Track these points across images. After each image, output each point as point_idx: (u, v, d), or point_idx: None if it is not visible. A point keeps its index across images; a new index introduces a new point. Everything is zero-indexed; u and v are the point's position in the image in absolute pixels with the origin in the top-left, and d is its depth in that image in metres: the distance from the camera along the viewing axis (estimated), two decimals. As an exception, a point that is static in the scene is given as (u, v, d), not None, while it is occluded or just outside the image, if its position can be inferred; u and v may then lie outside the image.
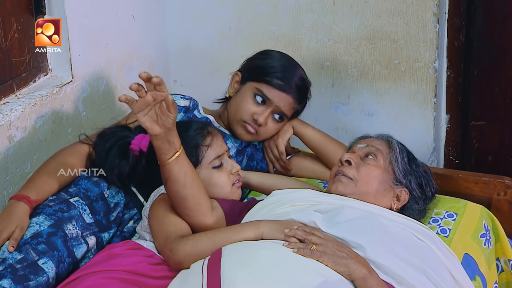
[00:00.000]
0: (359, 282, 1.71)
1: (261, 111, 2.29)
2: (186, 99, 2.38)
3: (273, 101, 2.28)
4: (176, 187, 1.87)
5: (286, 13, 2.86)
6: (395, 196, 2.03)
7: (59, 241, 1.94)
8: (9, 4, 2.29)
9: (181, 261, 1.82)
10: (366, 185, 1.99)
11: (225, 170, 2.09)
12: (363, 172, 2.00)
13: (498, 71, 2.70)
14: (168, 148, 1.83)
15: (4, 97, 2.31)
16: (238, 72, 2.38)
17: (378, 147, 2.05)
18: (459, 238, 2.14)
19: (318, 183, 2.42)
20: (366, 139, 2.13)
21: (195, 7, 3.02)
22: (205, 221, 1.92)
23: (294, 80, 2.31)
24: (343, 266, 1.71)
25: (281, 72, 2.30)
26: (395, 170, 2.03)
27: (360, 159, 2.04)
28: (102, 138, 2.13)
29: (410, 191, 2.04)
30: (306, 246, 1.75)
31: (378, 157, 2.03)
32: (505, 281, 2.30)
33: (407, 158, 2.07)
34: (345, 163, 2.03)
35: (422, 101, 2.75)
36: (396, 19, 2.69)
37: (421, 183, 2.08)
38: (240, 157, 2.37)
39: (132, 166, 2.10)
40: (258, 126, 2.30)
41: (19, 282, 1.80)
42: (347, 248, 1.76)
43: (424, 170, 2.11)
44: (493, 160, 2.80)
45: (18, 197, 1.97)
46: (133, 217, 2.17)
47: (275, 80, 2.29)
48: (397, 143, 2.10)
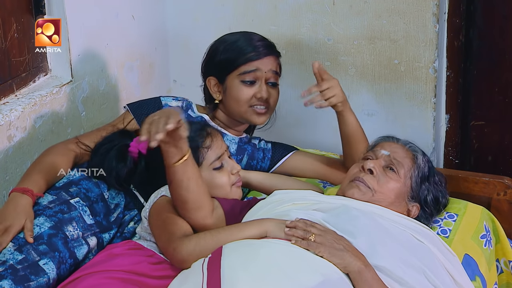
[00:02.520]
0: (354, 276, 1.71)
1: (258, 87, 2.30)
2: (178, 100, 2.38)
3: (260, 69, 2.29)
4: (179, 190, 1.88)
5: (286, 13, 2.86)
6: (406, 211, 2.03)
7: (59, 242, 1.94)
8: (9, 4, 2.29)
9: (184, 259, 1.82)
10: (383, 196, 1.99)
11: (226, 171, 2.09)
12: (383, 184, 2.00)
13: (498, 71, 2.70)
14: (175, 153, 1.83)
15: (4, 97, 2.31)
16: (211, 77, 2.35)
17: (402, 161, 2.03)
18: (459, 238, 2.14)
19: (318, 182, 2.42)
20: (391, 144, 2.09)
21: (194, 7, 3.02)
22: (204, 223, 1.92)
23: (260, 43, 2.32)
24: (338, 258, 1.72)
25: (246, 47, 2.30)
26: (413, 186, 2.02)
27: (382, 169, 2.03)
28: (101, 144, 2.14)
29: (422, 206, 2.04)
30: (305, 234, 1.76)
31: (399, 171, 2.02)
32: (505, 282, 2.30)
33: (428, 173, 2.06)
34: (368, 171, 2.02)
35: (422, 101, 2.75)
36: (396, 19, 2.69)
37: (437, 197, 2.08)
38: (240, 156, 2.37)
39: (130, 169, 2.10)
40: (265, 101, 2.31)
41: (20, 282, 1.80)
42: (345, 241, 1.77)
43: (440, 181, 2.11)
44: (493, 160, 2.80)
45: (21, 190, 1.98)
46: (134, 218, 2.17)
47: (247, 56, 2.28)
48: (422, 157, 2.07)
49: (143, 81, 2.97)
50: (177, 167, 1.84)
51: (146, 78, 3.00)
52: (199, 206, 1.90)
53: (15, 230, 1.89)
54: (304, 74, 2.87)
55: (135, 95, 2.84)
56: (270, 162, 2.42)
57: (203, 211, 1.91)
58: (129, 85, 2.88)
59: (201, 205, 1.91)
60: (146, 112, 2.28)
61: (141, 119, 2.27)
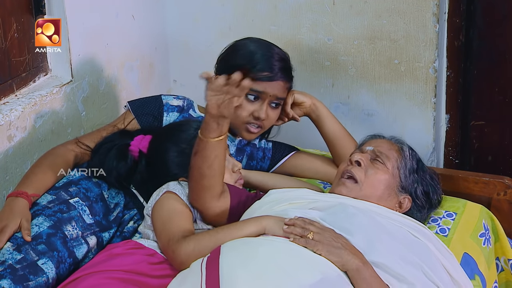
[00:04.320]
0: (352, 273, 1.71)
1: (259, 106, 2.25)
2: (180, 99, 2.36)
3: (266, 93, 2.23)
4: (202, 164, 1.89)
5: (286, 13, 2.86)
6: (397, 203, 2.03)
7: (58, 242, 1.94)
8: (9, 4, 2.29)
9: (184, 261, 1.82)
10: (371, 188, 1.99)
11: (227, 169, 2.09)
12: (371, 175, 2.00)
13: (498, 71, 2.70)
14: (214, 128, 1.86)
15: (4, 97, 2.31)
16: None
17: (387, 153, 2.04)
18: (458, 237, 2.14)
19: (318, 183, 2.42)
20: (377, 140, 2.11)
21: (195, 7, 3.02)
22: (209, 204, 1.95)
23: (277, 64, 2.24)
24: (336, 256, 1.72)
25: (261, 63, 2.23)
26: (401, 177, 2.03)
27: (370, 161, 2.03)
28: (101, 143, 2.14)
29: (413, 199, 2.04)
30: (304, 232, 1.76)
31: (386, 162, 2.03)
32: (504, 281, 2.30)
33: (416, 166, 2.06)
34: (355, 163, 2.03)
35: (422, 101, 2.75)
36: (396, 19, 2.69)
37: (428, 191, 2.08)
38: (240, 156, 2.37)
39: (130, 168, 2.10)
40: (261, 121, 2.28)
41: (19, 282, 1.80)
42: (343, 239, 1.77)
43: (432, 177, 2.11)
44: (493, 160, 2.80)
45: (15, 193, 1.98)
46: (133, 217, 2.17)
47: (259, 74, 2.21)
48: (408, 149, 2.08)
49: (143, 81, 2.98)
50: (210, 143, 1.87)
51: (146, 78, 3.00)
52: (212, 185, 1.92)
53: (11, 229, 1.89)
54: (304, 74, 2.87)
55: (135, 95, 2.84)
56: (270, 162, 2.42)
57: (214, 191, 1.93)
58: (129, 85, 2.88)
59: (214, 185, 1.93)
60: (147, 112, 2.28)
61: (141, 119, 2.27)
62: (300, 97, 2.34)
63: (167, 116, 2.29)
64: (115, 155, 2.10)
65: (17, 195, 1.97)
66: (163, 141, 2.10)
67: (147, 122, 2.27)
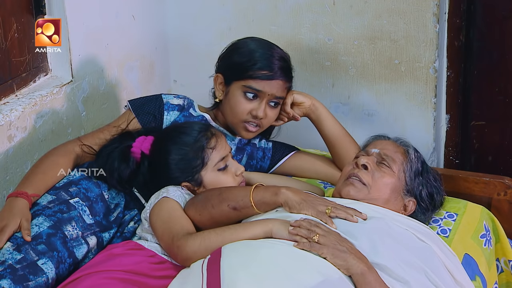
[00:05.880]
0: (357, 278, 1.71)
1: (257, 105, 2.25)
2: (180, 98, 2.36)
3: (265, 91, 2.23)
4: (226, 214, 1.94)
5: (286, 13, 2.86)
6: (403, 206, 2.03)
7: (58, 242, 1.94)
8: (9, 4, 2.29)
9: (189, 257, 1.81)
10: (378, 192, 1.99)
11: (230, 172, 2.09)
12: (378, 179, 2.00)
13: (498, 71, 2.70)
14: (267, 208, 1.92)
15: (4, 97, 2.31)
16: (219, 74, 2.32)
17: (393, 156, 2.04)
18: (459, 238, 2.14)
19: (319, 183, 2.41)
20: (382, 142, 2.11)
21: (195, 7, 3.02)
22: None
23: (276, 63, 2.24)
24: (341, 259, 1.71)
25: (262, 61, 2.23)
26: (407, 180, 2.03)
27: (376, 164, 2.03)
28: (104, 146, 2.14)
29: (418, 201, 2.04)
30: (309, 234, 1.75)
31: (392, 166, 2.02)
32: (505, 282, 2.30)
33: (421, 168, 2.07)
34: (362, 167, 2.02)
35: (422, 101, 2.75)
36: (396, 19, 2.69)
37: (432, 193, 2.08)
38: (239, 155, 2.37)
39: (132, 170, 2.10)
40: (260, 120, 2.28)
41: (19, 282, 1.80)
42: (348, 243, 1.76)
43: (435, 179, 2.11)
44: (493, 160, 2.80)
45: (15, 194, 1.98)
46: (134, 217, 2.16)
47: (259, 72, 2.22)
48: (414, 151, 2.08)
49: (143, 81, 2.98)
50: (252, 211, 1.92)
51: (146, 78, 3.00)
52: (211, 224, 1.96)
53: (11, 229, 1.89)
54: (304, 74, 2.87)
55: (135, 95, 2.84)
56: (270, 162, 2.42)
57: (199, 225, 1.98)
58: (130, 85, 2.88)
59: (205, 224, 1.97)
60: (147, 111, 2.28)
61: (142, 118, 2.27)
62: (300, 97, 2.34)
63: (167, 115, 2.29)
64: (117, 157, 2.09)
65: (17, 195, 1.97)
66: (165, 143, 2.09)
67: (147, 121, 2.27)
